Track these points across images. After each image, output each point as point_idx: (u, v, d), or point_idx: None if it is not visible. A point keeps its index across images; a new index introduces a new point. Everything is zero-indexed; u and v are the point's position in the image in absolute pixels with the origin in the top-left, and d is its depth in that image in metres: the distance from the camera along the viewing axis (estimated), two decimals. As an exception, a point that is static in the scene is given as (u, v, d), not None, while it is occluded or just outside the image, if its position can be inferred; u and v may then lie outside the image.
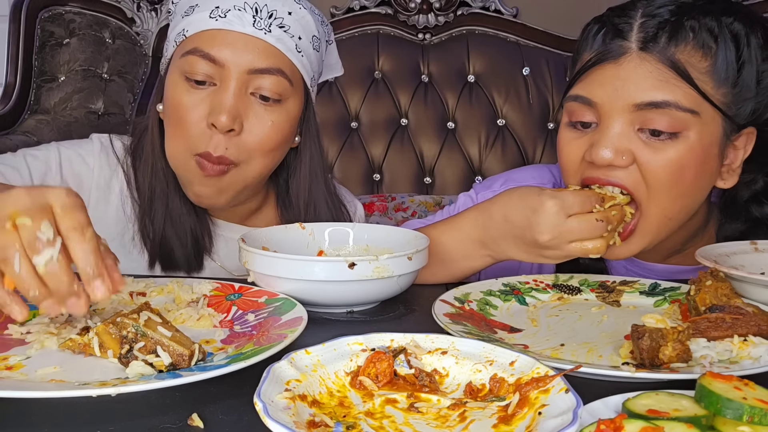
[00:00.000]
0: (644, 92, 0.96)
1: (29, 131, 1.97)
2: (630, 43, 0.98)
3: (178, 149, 1.08)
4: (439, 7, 2.22)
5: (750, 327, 0.78)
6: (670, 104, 0.96)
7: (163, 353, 0.69)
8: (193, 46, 1.07)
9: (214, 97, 1.06)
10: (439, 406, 0.62)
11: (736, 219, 1.10)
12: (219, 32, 1.06)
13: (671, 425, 0.53)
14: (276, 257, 0.91)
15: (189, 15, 1.09)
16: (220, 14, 1.06)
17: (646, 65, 0.97)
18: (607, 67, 0.99)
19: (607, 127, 0.99)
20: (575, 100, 1.02)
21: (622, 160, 0.98)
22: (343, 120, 2.18)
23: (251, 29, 1.06)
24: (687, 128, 0.97)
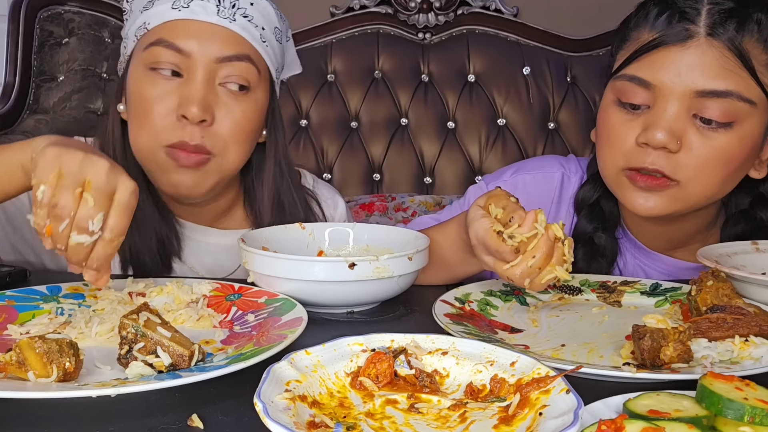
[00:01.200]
0: (709, 80, 0.96)
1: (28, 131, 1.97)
2: (698, 27, 0.97)
3: (147, 142, 1.06)
4: (439, 6, 2.21)
5: (751, 327, 0.78)
6: (732, 94, 0.96)
7: (163, 354, 0.68)
8: (157, 37, 1.05)
9: (182, 89, 1.04)
10: (439, 407, 0.62)
11: (740, 221, 1.11)
12: (183, 22, 1.05)
13: (672, 426, 0.53)
14: (276, 257, 0.91)
15: (149, 9, 1.08)
16: (183, 5, 1.05)
17: (714, 51, 0.97)
18: (672, 50, 0.98)
19: (664, 110, 0.98)
20: (630, 80, 1.01)
21: (675, 144, 0.98)
22: (343, 120, 2.18)
23: (216, 18, 1.05)
24: (741, 118, 0.98)
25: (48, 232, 0.77)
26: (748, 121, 0.99)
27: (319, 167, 2.16)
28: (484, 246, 0.87)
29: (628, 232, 1.17)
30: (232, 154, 1.08)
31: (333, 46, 2.20)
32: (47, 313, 0.87)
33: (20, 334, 0.81)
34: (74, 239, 0.76)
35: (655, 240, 1.15)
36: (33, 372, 0.65)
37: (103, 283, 0.81)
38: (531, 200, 1.19)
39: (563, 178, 1.21)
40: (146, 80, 1.05)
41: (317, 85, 2.18)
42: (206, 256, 1.19)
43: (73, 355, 0.67)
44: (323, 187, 1.34)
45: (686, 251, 1.15)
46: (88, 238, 0.77)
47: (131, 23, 1.12)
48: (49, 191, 0.76)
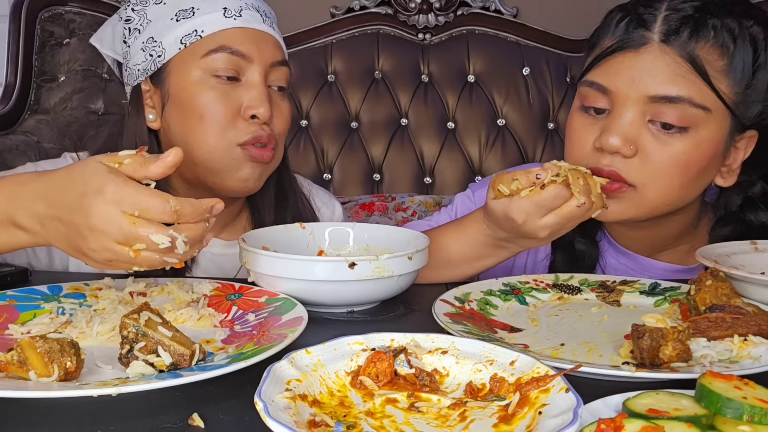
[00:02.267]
0: (660, 85, 0.97)
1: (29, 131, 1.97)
2: (653, 34, 0.99)
3: (219, 142, 1.10)
4: (439, 7, 2.22)
5: (750, 327, 0.78)
6: (683, 99, 0.97)
7: (164, 353, 0.69)
8: (218, 44, 1.10)
9: (247, 91, 1.11)
10: (439, 406, 0.62)
11: (730, 222, 1.11)
12: (241, 30, 1.12)
13: (671, 425, 0.53)
14: (276, 257, 0.91)
15: (190, 18, 1.11)
16: (236, 14, 1.12)
17: (666, 58, 0.98)
18: (627, 56, 1.00)
19: (619, 115, 1.00)
20: (590, 86, 1.03)
21: (629, 149, 0.99)
22: (343, 120, 2.18)
23: (265, 26, 1.15)
24: (697, 124, 0.98)
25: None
26: (705, 127, 0.99)
27: (319, 167, 2.17)
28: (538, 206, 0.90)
29: (610, 237, 1.17)
30: (281, 148, 1.18)
31: (333, 46, 2.21)
32: (48, 313, 0.87)
33: (21, 333, 0.81)
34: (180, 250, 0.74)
35: (636, 243, 1.15)
36: (34, 371, 0.66)
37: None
38: None
39: None
40: (208, 84, 1.11)
41: (317, 85, 2.18)
42: (211, 266, 1.20)
43: (74, 354, 0.67)
44: (320, 192, 1.36)
45: (672, 253, 1.16)
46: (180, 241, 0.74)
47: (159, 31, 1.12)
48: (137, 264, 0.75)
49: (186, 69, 1.11)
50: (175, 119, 1.13)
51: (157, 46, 1.13)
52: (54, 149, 1.96)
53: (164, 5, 1.13)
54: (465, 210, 1.24)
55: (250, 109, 1.10)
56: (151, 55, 1.13)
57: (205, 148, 1.11)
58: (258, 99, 1.11)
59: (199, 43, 1.11)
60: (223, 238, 1.24)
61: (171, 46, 1.12)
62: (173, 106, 1.13)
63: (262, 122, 1.11)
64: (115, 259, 0.74)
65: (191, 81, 1.11)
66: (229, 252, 1.22)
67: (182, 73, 1.11)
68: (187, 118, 1.11)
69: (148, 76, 1.15)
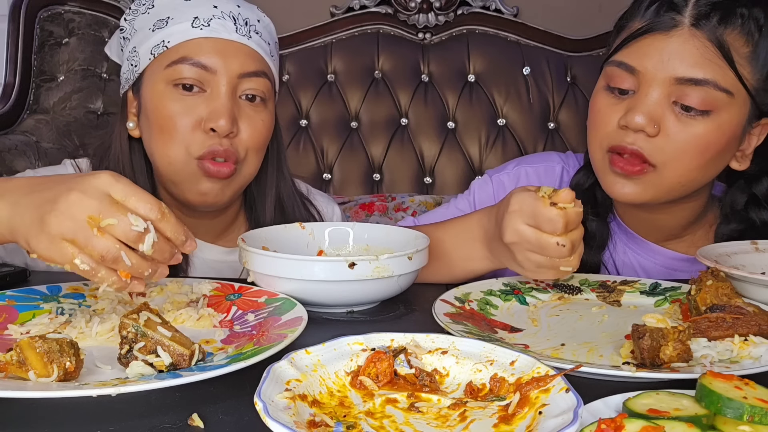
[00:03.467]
0: (689, 68, 1.00)
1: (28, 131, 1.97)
2: (683, 17, 1.01)
3: (178, 154, 1.09)
4: (439, 6, 2.21)
5: (750, 327, 0.78)
6: (709, 82, 0.99)
7: (164, 353, 0.69)
8: (180, 55, 1.09)
9: (208, 103, 1.08)
10: (439, 406, 0.62)
11: (734, 220, 1.13)
12: (206, 40, 1.09)
13: (672, 424, 0.53)
14: (276, 257, 0.91)
15: (163, 28, 1.11)
16: (204, 23, 1.10)
17: (694, 41, 1.00)
18: (657, 38, 1.02)
19: (646, 95, 1.02)
20: (618, 66, 1.05)
21: (653, 128, 1.01)
22: (343, 120, 2.18)
23: (236, 35, 1.11)
24: (719, 108, 1.01)
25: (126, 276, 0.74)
26: (726, 111, 1.01)
27: (319, 167, 2.17)
28: (531, 214, 0.88)
29: (620, 220, 1.19)
30: (251, 161, 1.14)
31: (333, 46, 2.20)
32: (47, 313, 0.87)
33: (21, 333, 0.81)
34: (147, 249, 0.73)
35: (645, 229, 1.17)
36: (33, 371, 0.65)
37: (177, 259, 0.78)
38: None
39: (563, 172, 1.25)
40: (170, 96, 1.09)
41: (317, 85, 2.18)
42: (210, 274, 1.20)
43: (74, 354, 0.67)
44: (318, 196, 1.37)
45: (678, 243, 1.18)
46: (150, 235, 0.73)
47: (139, 41, 1.13)
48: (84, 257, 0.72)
49: (154, 80, 1.11)
50: (144, 129, 1.14)
51: (136, 56, 1.14)
52: (53, 149, 1.96)
53: (147, 15, 1.13)
54: (484, 195, 1.26)
55: (209, 122, 1.07)
56: (132, 64, 1.15)
57: (165, 159, 1.11)
58: (217, 112, 1.07)
59: (165, 54, 1.10)
60: (221, 245, 1.24)
61: (144, 57, 1.12)
62: (143, 116, 1.14)
63: (222, 136, 1.08)
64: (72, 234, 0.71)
65: (156, 92, 1.10)
66: (228, 259, 1.22)
67: (151, 83, 1.11)
68: (151, 128, 1.12)
69: (130, 85, 1.16)
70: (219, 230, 1.25)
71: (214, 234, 1.24)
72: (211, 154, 1.08)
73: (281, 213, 1.24)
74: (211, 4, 1.11)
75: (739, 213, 1.13)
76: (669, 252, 1.17)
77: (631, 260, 1.19)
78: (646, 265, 1.18)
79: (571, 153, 1.29)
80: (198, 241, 1.21)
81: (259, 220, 1.23)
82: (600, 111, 1.08)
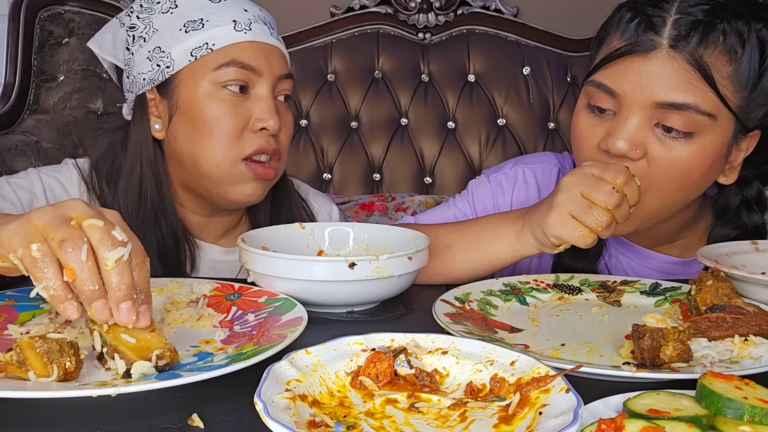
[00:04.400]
0: (668, 92, 0.97)
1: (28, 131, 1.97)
2: (662, 38, 0.98)
3: (226, 157, 1.11)
4: (439, 6, 2.21)
5: (751, 327, 0.78)
6: (690, 107, 0.97)
7: (119, 361, 0.68)
8: (230, 58, 1.11)
9: (256, 104, 1.12)
10: (439, 406, 0.62)
11: (728, 224, 1.12)
12: (251, 44, 1.13)
13: (672, 425, 0.53)
14: (276, 257, 0.91)
15: (200, 30, 1.11)
16: (246, 27, 1.13)
17: (674, 64, 0.97)
18: (636, 60, 0.99)
19: (626, 119, 0.99)
20: (597, 87, 1.03)
21: (636, 153, 0.99)
22: (343, 120, 2.18)
23: (273, 40, 1.16)
24: (702, 131, 0.98)
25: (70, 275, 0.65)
26: (709, 134, 0.99)
27: (319, 167, 2.17)
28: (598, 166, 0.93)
29: None
30: (284, 160, 1.20)
31: (333, 46, 2.20)
32: (47, 313, 0.87)
33: (21, 333, 0.81)
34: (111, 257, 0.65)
35: (638, 236, 1.16)
36: (33, 372, 0.65)
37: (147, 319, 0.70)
38: (530, 192, 1.22)
39: (559, 174, 1.24)
40: (219, 97, 1.11)
41: (317, 85, 2.18)
42: (210, 274, 1.21)
43: (74, 354, 0.67)
44: (317, 196, 1.37)
45: (671, 248, 1.17)
46: (123, 249, 0.66)
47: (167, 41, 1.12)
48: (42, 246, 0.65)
49: (196, 81, 1.11)
50: (182, 131, 1.13)
51: (165, 57, 1.12)
52: (53, 149, 1.96)
53: (171, 15, 1.13)
54: (483, 194, 1.26)
55: (260, 122, 1.11)
56: (159, 65, 1.13)
57: (212, 161, 1.12)
58: (267, 112, 1.12)
59: (209, 56, 1.11)
60: (222, 245, 1.24)
61: (180, 58, 1.12)
62: (182, 117, 1.13)
63: (270, 134, 1.12)
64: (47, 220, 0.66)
65: (201, 93, 1.11)
66: (229, 259, 1.22)
67: (192, 85, 1.12)
68: (195, 130, 1.12)
69: (155, 85, 1.14)
70: (223, 231, 1.25)
71: (217, 234, 1.25)
72: (259, 151, 1.11)
73: (278, 211, 1.24)
74: (241, 8, 1.14)
75: (731, 217, 1.11)
76: (662, 256, 1.16)
77: (624, 267, 1.18)
78: (640, 271, 1.17)
79: (568, 154, 1.28)
80: (199, 242, 1.22)
81: (258, 222, 1.24)
82: (582, 132, 1.06)
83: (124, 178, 1.16)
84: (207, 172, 1.12)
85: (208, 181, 1.13)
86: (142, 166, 1.15)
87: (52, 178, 1.17)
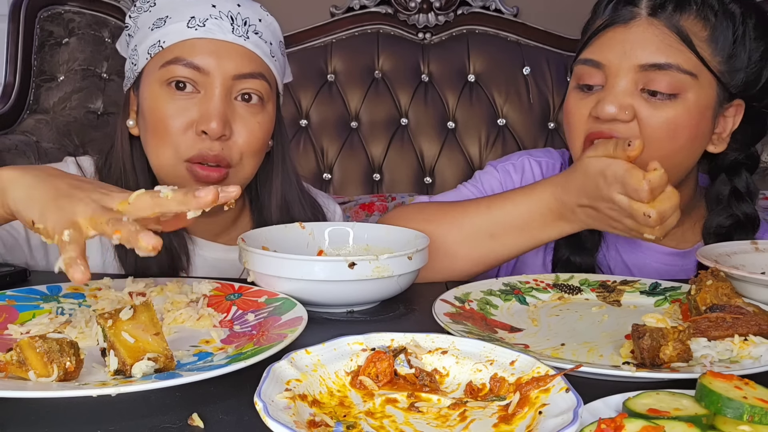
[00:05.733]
0: (650, 54, 1.04)
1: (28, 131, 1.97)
2: (640, 9, 1.06)
3: (168, 157, 1.09)
4: (439, 6, 2.21)
5: (750, 326, 0.78)
6: (672, 66, 1.03)
7: (113, 359, 0.69)
8: (174, 55, 1.08)
9: (201, 105, 1.07)
10: (439, 406, 0.62)
11: (721, 213, 1.15)
12: (200, 41, 1.08)
13: (672, 424, 0.53)
14: (276, 257, 0.91)
15: (161, 27, 1.10)
16: (199, 23, 1.08)
17: (653, 29, 1.04)
18: (617, 30, 1.06)
19: (613, 85, 1.05)
20: (585, 64, 1.09)
21: (625, 114, 1.04)
22: (343, 120, 2.18)
23: (231, 36, 1.09)
24: (685, 90, 1.04)
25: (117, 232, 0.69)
26: (693, 92, 1.04)
27: (319, 167, 2.17)
28: (621, 184, 0.92)
29: None
30: (247, 165, 1.12)
31: (333, 46, 2.20)
32: (47, 313, 0.87)
33: (21, 333, 0.81)
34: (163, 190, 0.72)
35: None
36: (33, 371, 0.65)
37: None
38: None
39: (561, 169, 1.26)
40: (164, 97, 1.08)
41: (317, 85, 2.18)
42: (212, 272, 1.20)
43: (74, 354, 0.67)
44: (319, 196, 1.37)
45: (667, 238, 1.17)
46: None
47: (140, 40, 1.12)
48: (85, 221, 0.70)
49: (150, 80, 1.11)
50: (141, 128, 1.14)
51: (135, 55, 1.13)
52: (53, 149, 1.96)
53: (149, 14, 1.12)
54: (493, 181, 1.26)
55: (200, 124, 1.06)
56: (133, 63, 1.14)
57: (156, 161, 1.11)
58: (208, 114, 1.06)
59: (160, 54, 1.09)
60: (222, 243, 1.24)
61: (142, 56, 1.12)
62: (141, 115, 1.13)
63: (213, 138, 1.06)
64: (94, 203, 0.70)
65: (151, 92, 1.10)
66: (229, 257, 1.22)
67: (147, 83, 1.11)
68: (146, 128, 1.11)
69: (131, 84, 1.16)
70: (219, 229, 1.24)
71: (213, 232, 1.24)
72: (200, 157, 1.07)
73: (287, 214, 1.23)
74: (210, 4, 1.10)
75: (724, 208, 1.15)
76: (659, 247, 1.18)
77: (624, 259, 1.19)
78: (638, 263, 1.18)
79: (566, 151, 1.29)
80: (198, 239, 1.22)
81: (264, 222, 1.22)
82: (572, 108, 1.12)
83: (114, 173, 1.17)
84: (155, 172, 1.12)
85: (159, 180, 1.13)
86: (123, 162, 1.15)
87: None
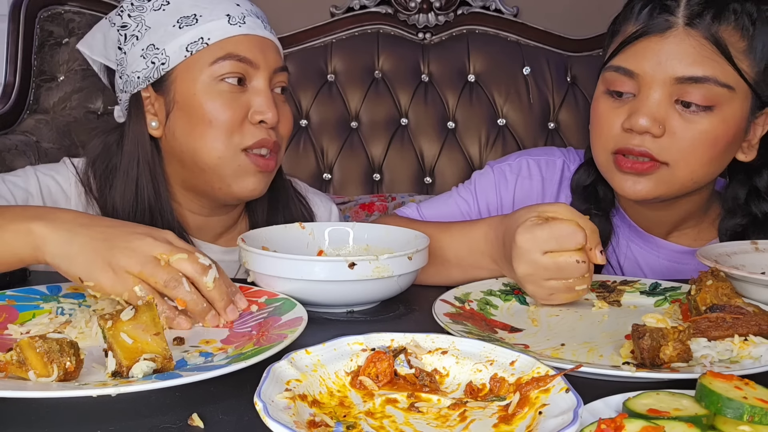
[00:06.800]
0: (687, 66, 1.01)
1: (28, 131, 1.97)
2: (677, 18, 1.03)
3: (226, 148, 1.11)
4: (439, 6, 2.21)
5: (750, 327, 0.78)
6: (709, 79, 1.01)
7: (111, 359, 0.69)
8: (226, 51, 1.11)
9: (253, 96, 1.13)
10: (439, 406, 0.62)
11: (737, 214, 1.14)
12: (246, 37, 1.13)
13: (672, 425, 0.53)
14: (276, 257, 0.91)
15: (194, 25, 1.11)
16: (240, 21, 1.13)
17: (690, 40, 1.02)
18: (653, 40, 1.03)
19: (647, 97, 1.03)
20: (616, 71, 1.06)
21: (658, 129, 1.02)
22: (343, 120, 2.18)
23: (266, 33, 1.16)
24: (721, 103, 1.02)
25: (182, 303, 0.82)
26: (729, 105, 1.03)
27: (319, 167, 2.17)
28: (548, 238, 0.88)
29: (625, 215, 1.20)
30: (282, 152, 1.20)
31: (333, 46, 2.20)
32: (47, 313, 0.87)
33: (21, 333, 0.81)
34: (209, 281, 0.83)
35: (648, 223, 1.18)
36: (33, 371, 0.65)
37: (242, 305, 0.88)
38: (534, 183, 1.23)
39: (564, 166, 1.26)
40: (218, 91, 1.11)
41: (317, 85, 2.18)
42: None
43: (74, 354, 0.67)
44: (316, 195, 1.37)
45: (681, 236, 1.19)
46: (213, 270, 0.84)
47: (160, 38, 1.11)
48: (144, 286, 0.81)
49: (193, 76, 1.11)
50: (181, 126, 1.13)
51: (160, 53, 1.12)
52: (53, 149, 1.96)
53: (163, 12, 1.13)
54: (486, 184, 1.26)
55: (258, 114, 1.11)
56: (153, 62, 1.12)
57: (214, 153, 1.11)
58: (265, 104, 1.12)
59: (205, 51, 1.11)
60: (221, 245, 1.24)
61: (176, 54, 1.11)
62: (180, 113, 1.12)
63: (269, 127, 1.13)
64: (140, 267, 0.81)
65: (199, 88, 1.11)
66: (227, 258, 1.22)
67: (189, 80, 1.11)
68: (195, 124, 1.11)
69: (150, 83, 1.14)
70: (222, 229, 1.25)
71: (215, 234, 1.24)
72: (259, 144, 1.12)
73: (275, 209, 1.24)
74: (234, 2, 1.15)
75: (741, 206, 1.14)
76: (673, 245, 1.17)
77: (635, 255, 1.19)
78: (650, 260, 1.18)
79: (572, 149, 1.30)
80: (197, 241, 1.22)
81: (257, 220, 1.24)
82: (602, 115, 1.09)
83: (120, 177, 1.15)
84: (210, 165, 1.12)
85: (210, 175, 1.13)
86: (138, 166, 1.15)
87: (49, 177, 1.17)
